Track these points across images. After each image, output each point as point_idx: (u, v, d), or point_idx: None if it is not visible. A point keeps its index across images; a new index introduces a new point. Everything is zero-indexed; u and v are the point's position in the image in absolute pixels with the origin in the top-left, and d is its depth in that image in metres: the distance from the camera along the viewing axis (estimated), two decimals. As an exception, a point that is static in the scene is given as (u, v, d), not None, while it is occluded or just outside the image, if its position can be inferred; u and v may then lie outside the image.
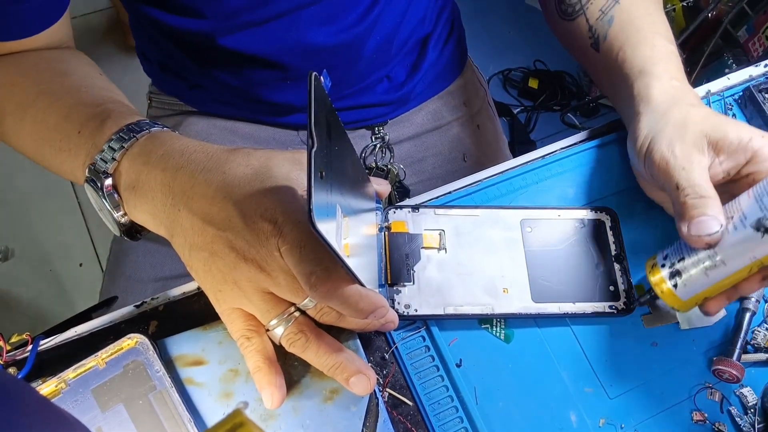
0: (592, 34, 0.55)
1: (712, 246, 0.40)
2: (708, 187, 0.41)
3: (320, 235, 0.30)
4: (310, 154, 0.30)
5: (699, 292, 0.42)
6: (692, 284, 0.42)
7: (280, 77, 0.63)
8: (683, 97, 0.46)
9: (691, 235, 0.40)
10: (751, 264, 0.39)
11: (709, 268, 0.40)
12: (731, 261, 0.39)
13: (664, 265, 0.43)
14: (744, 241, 0.38)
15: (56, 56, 0.52)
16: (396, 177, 0.75)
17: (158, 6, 0.56)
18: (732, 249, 0.39)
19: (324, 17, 0.58)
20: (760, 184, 0.39)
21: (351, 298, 0.37)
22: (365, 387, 0.40)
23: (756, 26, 1.18)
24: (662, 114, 0.45)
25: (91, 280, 1.44)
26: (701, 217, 0.39)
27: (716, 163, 0.43)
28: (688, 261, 0.41)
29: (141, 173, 0.42)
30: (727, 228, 0.39)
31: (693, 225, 0.40)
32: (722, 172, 0.43)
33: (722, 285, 0.41)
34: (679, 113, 0.44)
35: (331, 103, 0.36)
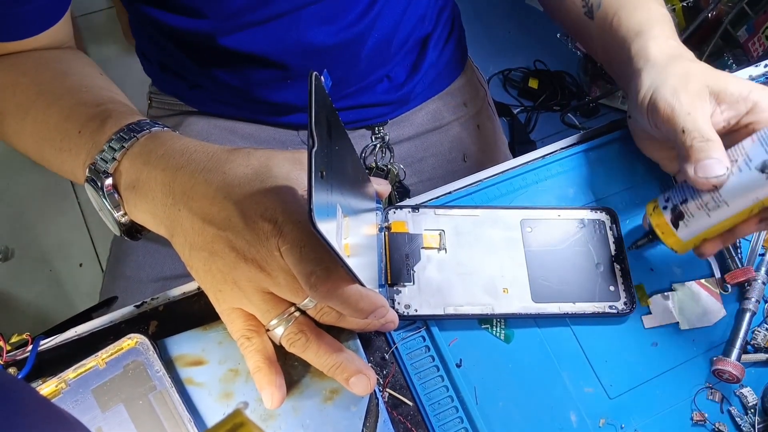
0: (586, 3, 0.56)
1: (718, 188, 0.41)
2: (712, 132, 0.42)
3: (321, 235, 0.30)
4: (311, 154, 0.30)
5: (699, 233, 0.43)
6: (694, 225, 0.43)
7: (280, 77, 0.63)
8: (682, 53, 0.47)
9: (697, 177, 0.41)
10: (753, 205, 0.40)
11: (712, 209, 0.41)
12: (734, 202, 0.40)
13: (666, 207, 0.45)
14: (748, 182, 0.39)
15: (57, 56, 0.52)
16: (396, 177, 0.75)
17: (158, 6, 0.56)
18: (736, 190, 0.40)
19: (324, 16, 0.58)
20: (765, 129, 0.40)
21: (351, 298, 0.37)
22: (365, 387, 0.40)
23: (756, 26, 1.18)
24: (663, 67, 0.46)
25: (91, 280, 1.44)
26: (707, 159, 0.40)
27: (717, 112, 0.44)
28: (691, 203, 0.42)
29: (141, 173, 0.42)
30: (731, 171, 0.40)
31: (699, 167, 0.41)
32: (723, 122, 0.44)
33: (722, 226, 0.42)
34: (680, 67, 0.45)
35: (332, 103, 0.36)
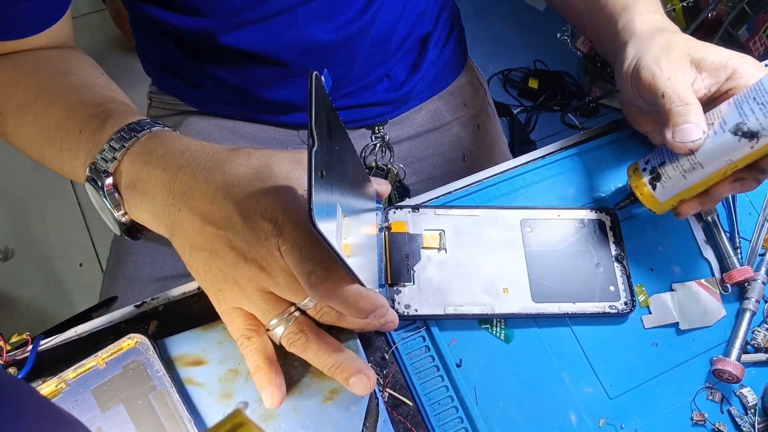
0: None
1: (694, 152, 0.42)
2: (692, 97, 0.43)
3: (321, 235, 0.30)
4: (311, 154, 0.30)
5: (676, 194, 0.45)
6: (670, 186, 0.44)
7: (279, 75, 0.63)
8: (666, 26, 0.48)
9: (675, 141, 0.42)
10: (727, 167, 0.41)
11: (688, 171, 0.43)
12: (709, 164, 0.42)
13: (645, 169, 0.46)
14: (722, 144, 0.41)
15: (57, 56, 0.52)
16: (396, 176, 0.75)
17: (158, 5, 0.56)
18: (710, 152, 0.41)
19: (323, 14, 0.58)
20: (740, 93, 0.41)
21: (351, 298, 0.37)
22: (365, 387, 0.40)
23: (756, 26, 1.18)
24: (647, 39, 0.47)
25: (91, 280, 1.44)
26: (685, 124, 0.41)
27: (698, 80, 0.45)
28: (668, 165, 0.44)
29: (142, 172, 0.42)
30: (708, 134, 0.41)
31: (677, 131, 0.42)
32: (704, 89, 0.45)
33: (697, 187, 0.44)
34: (664, 38, 0.46)
35: (332, 103, 0.36)
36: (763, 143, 0.40)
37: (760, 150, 0.40)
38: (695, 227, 0.52)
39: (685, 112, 0.42)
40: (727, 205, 0.53)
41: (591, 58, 1.60)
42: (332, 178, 0.34)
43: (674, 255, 0.51)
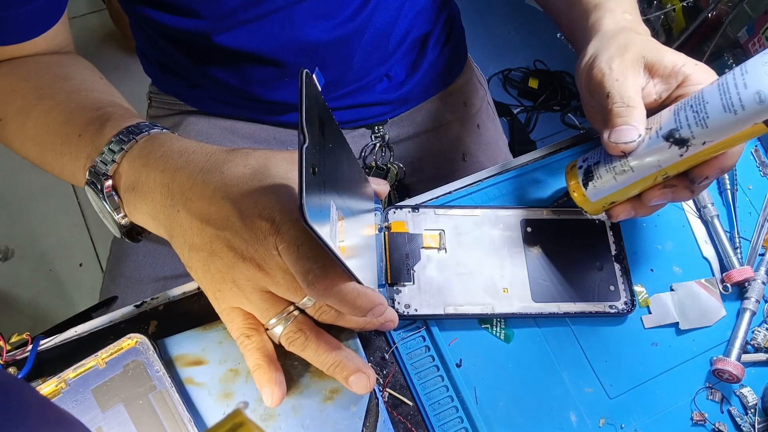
0: None
1: (627, 154, 0.41)
2: (637, 100, 0.42)
3: (312, 230, 0.30)
4: (301, 150, 0.30)
5: (606, 195, 0.44)
6: (601, 187, 0.44)
7: (277, 74, 0.63)
8: (632, 27, 0.48)
9: (609, 141, 0.41)
10: (657, 173, 0.41)
11: (619, 173, 0.42)
12: (639, 168, 0.41)
13: (581, 167, 0.46)
14: (653, 150, 0.40)
15: (56, 61, 0.52)
16: (396, 176, 0.75)
17: (153, 6, 0.56)
18: (641, 157, 0.41)
19: (318, 13, 0.58)
20: (681, 101, 0.41)
21: (349, 296, 0.37)
22: (365, 386, 0.40)
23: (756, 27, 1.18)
24: (609, 38, 0.46)
25: (91, 280, 1.44)
26: (623, 126, 0.41)
27: (650, 85, 0.44)
28: (602, 165, 0.43)
29: (140, 174, 0.42)
30: (644, 139, 0.41)
31: (614, 132, 0.41)
32: (655, 94, 0.44)
33: (628, 191, 0.43)
34: (623, 38, 0.45)
35: (325, 102, 0.36)
36: (693, 152, 0.39)
37: (690, 159, 0.39)
38: (695, 227, 0.52)
39: (625, 113, 0.41)
40: (727, 205, 0.53)
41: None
42: (325, 176, 0.34)
43: (674, 255, 0.51)
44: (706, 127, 0.37)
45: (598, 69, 0.44)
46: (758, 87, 0.35)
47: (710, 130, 0.37)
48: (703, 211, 0.52)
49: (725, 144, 0.38)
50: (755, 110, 0.35)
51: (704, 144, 0.38)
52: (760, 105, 0.35)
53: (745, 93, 0.36)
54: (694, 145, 0.38)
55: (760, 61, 0.36)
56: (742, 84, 0.36)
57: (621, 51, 0.44)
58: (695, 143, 0.38)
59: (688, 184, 0.42)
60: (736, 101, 0.36)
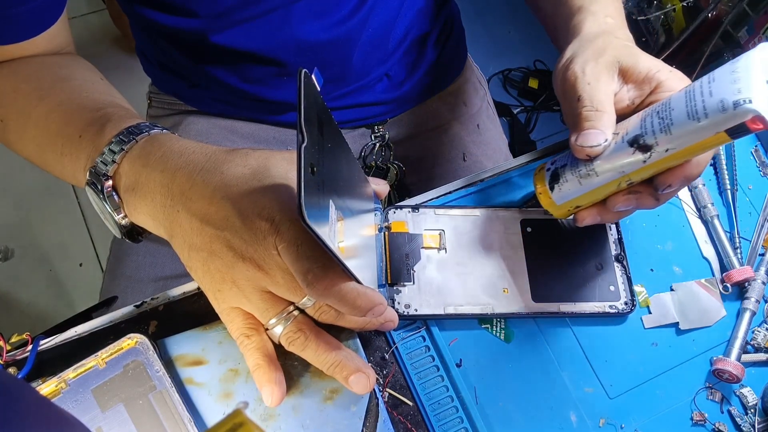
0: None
1: (592, 157, 0.41)
2: (607, 104, 0.41)
3: (310, 229, 0.30)
4: (300, 150, 0.30)
5: (571, 199, 0.44)
6: (566, 190, 0.43)
7: (275, 74, 0.63)
8: (612, 31, 0.47)
9: (575, 144, 0.41)
10: (620, 178, 0.40)
11: (583, 177, 0.42)
12: (603, 173, 0.41)
13: (549, 169, 0.45)
14: (618, 155, 0.40)
15: (57, 62, 0.52)
16: (395, 176, 0.75)
17: (151, 6, 0.56)
18: (606, 161, 0.40)
19: (315, 12, 0.58)
20: (650, 107, 0.40)
21: (348, 295, 0.37)
22: (365, 385, 0.40)
23: (756, 27, 1.18)
24: (587, 41, 0.46)
25: (91, 280, 1.44)
26: (590, 129, 0.40)
27: (624, 90, 0.44)
28: (568, 168, 0.43)
29: (140, 175, 0.42)
30: (611, 143, 0.40)
31: (580, 135, 0.41)
32: (628, 100, 0.44)
33: (593, 195, 0.43)
34: (602, 42, 0.45)
35: (324, 102, 0.36)
36: (656, 159, 0.38)
37: (653, 166, 0.39)
38: (695, 227, 0.52)
39: (593, 117, 0.40)
40: (727, 205, 0.53)
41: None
42: (324, 175, 0.34)
43: (674, 255, 0.51)
44: (670, 133, 0.37)
45: (571, 72, 0.43)
46: (723, 95, 0.34)
47: (673, 137, 0.37)
48: (703, 211, 0.52)
49: (688, 152, 0.37)
50: (718, 118, 0.35)
51: (667, 151, 0.37)
52: (723, 113, 0.34)
53: (709, 101, 0.35)
54: (658, 152, 0.38)
55: (728, 70, 0.35)
56: (708, 92, 0.35)
57: (596, 55, 0.43)
58: (658, 150, 0.38)
59: (652, 191, 0.41)
60: (701, 109, 0.35)
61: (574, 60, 0.44)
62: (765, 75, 0.34)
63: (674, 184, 0.40)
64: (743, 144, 0.56)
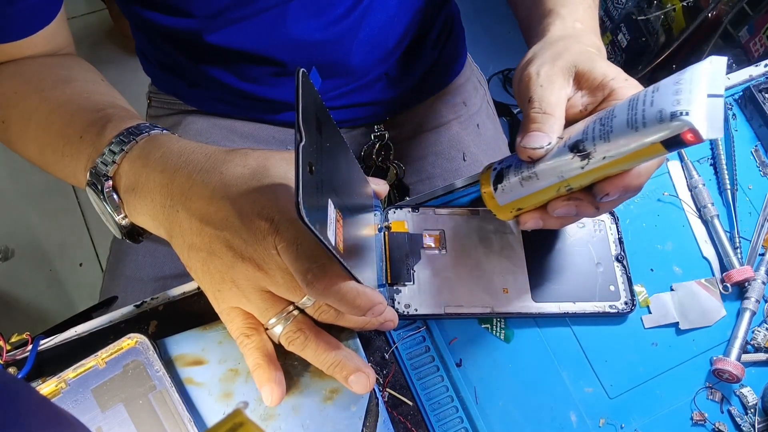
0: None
1: (534, 160, 0.40)
2: (556, 108, 0.41)
3: (308, 228, 0.30)
4: (298, 148, 0.30)
5: (513, 201, 0.43)
6: (509, 191, 0.43)
7: (272, 73, 0.63)
8: (579, 36, 0.46)
9: (519, 145, 0.41)
10: (560, 183, 0.40)
11: (525, 179, 0.41)
12: (543, 176, 0.40)
13: (495, 169, 0.44)
14: (558, 159, 0.39)
15: (58, 63, 0.52)
16: (395, 176, 0.75)
17: (147, 6, 0.56)
18: (547, 165, 0.40)
19: (310, 11, 0.58)
20: (596, 113, 0.39)
21: (348, 295, 0.37)
22: (364, 385, 0.40)
23: (756, 26, 1.18)
24: (550, 44, 0.45)
25: (91, 280, 1.44)
26: (535, 131, 0.40)
27: (578, 96, 0.43)
28: (512, 169, 0.43)
29: (140, 175, 0.42)
30: (553, 146, 0.40)
31: (526, 137, 0.40)
32: (581, 105, 0.43)
33: (534, 199, 0.42)
34: (562, 45, 0.44)
35: (322, 101, 0.36)
36: (593, 166, 0.37)
37: (591, 173, 0.38)
38: (695, 227, 0.52)
39: (540, 120, 0.40)
40: (727, 205, 0.53)
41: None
42: (323, 174, 0.34)
43: (674, 255, 0.51)
44: (608, 141, 0.36)
45: (527, 73, 0.43)
46: (662, 106, 0.34)
47: (611, 145, 0.36)
48: (703, 211, 0.52)
49: (625, 161, 0.36)
50: (654, 129, 0.34)
51: (604, 159, 0.37)
52: (660, 124, 0.34)
53: (649, 111, 0.34)
54: (595, 159, 0.37)
55: (672, 80, 0.35)
56: (650, 101, 0.35)
57: (554, 58, 0.43)
58: (596, 157, 0.37)
59: (592, 199, 0.40)
60: (640, 118, 0.35)
61: (533, 62, 0.43)
62: (709, 89, 0.33)
63: (612, 194, 0.39)
64: (743, 144, 0.56)
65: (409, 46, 0.70)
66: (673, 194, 0.54)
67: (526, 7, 0.55)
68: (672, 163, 0.55)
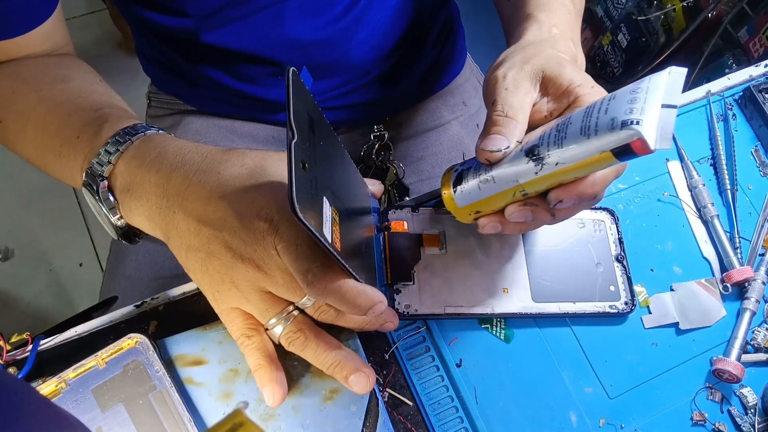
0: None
1: (491, 162, 0.40)
2: (519, 112, 0.40)
3: (303, 224, 0.30)
4: (290, 146, 0.30)
5: (471, 203, 0.43)
6: (467, 193, 0.42)
7: (270, 73, 0.63)
8: (554, 41, 0.45)
9: (478, 147, 0.40)
10: (515, 188, 0.39)
11: (483, 182, 0.41)
12: (499, 180, 0.40)
13: (456, 170, 0.44)
14: (514, 163, 0.39)
15: (56, 63, 0.52)
16: (395, 176, 0.75)
17: (143, 5, 0.56)
18: (503, 168, 0.39)
19: (307, 10, 0.58)
20: (556, 119, 0.39)
21: (348, 294, 0.37)
22: (364, 385, 0.40)
23: (756, 26, 1.18)
24: (522, 47, 0.45)
25: (91, 280, 1.44)
26: (494, 134, 0.39)
27: (543, 101, 0.42)
28: (472, 171, 0.42)
29: (135, 175, 0.42)
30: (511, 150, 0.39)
31: (485, 139, 0.40)
32: (546, 111, 0.43)
33: (491, 202, 0.42)
34: (533, 50, 0.44)
35: (314, 100, 0.36)
36: (546, 172, 0.37)
37: (544, 179, 0.38)
38: (695, 227, 0.52)
39: (501, 123, 0.40)
40: (727, 205, 0.53)
41: (591, 59, 1.60)
42: (317, 172, 0.34)
43: (674, 255, 0.51)
44: (561, 147, 0.36)
45: (493, 75, 0.43)
46: (615, 114, 0.33)
47: (563, 151, 0.36)
48: (703, 211, 0.52)
49: (577, 168, 0.36)
50: (605, 137, 0.33)
51: (557, 165, 0.36)
52: (611, 132, 0.33)
53: (603, 118, 0.34)
54: (548, 165, 0.37)
55: (629, 89, 0.34)
56: (605, 109, 0.34)
57: (523, 62, 0.42)
58: (549, 162, 0.37)
59: (547, 206, 0.40)
60: (593, 125, 0.34)
61: (502, 64, 0.43)
62: (664, 99, 0.33)
63: (566, 201, 0.38)
64: (743, 144, 0.56)
65: (409, 46, 0.70)
66: (673, 194, 0.54)
67: (508, 11, 0.55)
68: (672, 163, 0.55)
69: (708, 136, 0.57)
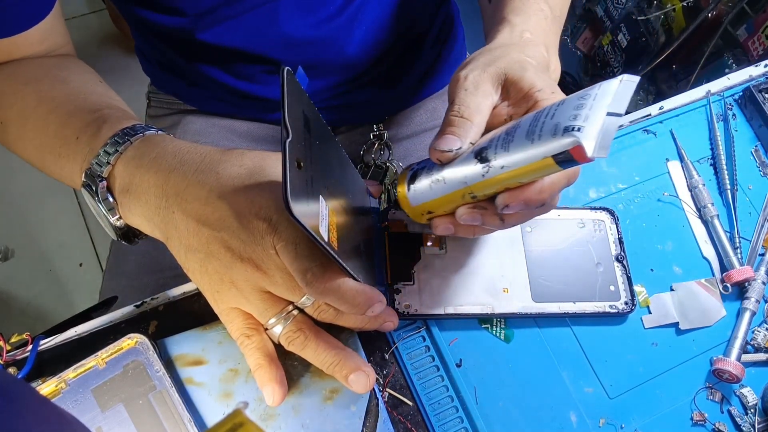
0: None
1: (443, 162, 0.40)
2: (475, 114, 0.40)
3: (298, 222, 0.30)
4: (284, 145, 0.30)
5: (423, 203, 0.42)
6: (420, 192, 0.42)
7: (266, 71, 0.63)
8: (523, 45, 0.45)
9: (431, 147, 0.40)
10: (464, 190, 0.39)
11: (434, 182, 0.41)
12: (449, 180, 0.39)
13: (413, 169, 0.44)
14: (463, 164, 0.38)
15: (56, 63, 0.52)
16: (394, 175, 0.75)
17: (141, 5, 0.56)
18: (453, 169, 0.39)
19: (302, 8, 0.58)
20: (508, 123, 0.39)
21: (347, 293, 0.37)
22: (364, 384, 0.40)
23: (756, 26, 1.18)
24: (491, 49, 0.44)
25: (91, 280, 1.44)
26: (448, 135, 0.39)
27: (503, 105, 0.42)
28: (425, 171, 0.42)
29: (134, 176, 0.42)
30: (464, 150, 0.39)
31: (438, 139, 0.39)
32: (505, 114, 0.42)
33: (442, 203, 0.41)
34: (499, 52, 0.43)
35: (310, 100, 0.36)
36: (492, 175, 0.37)
37: (491, 182, 0.37)
38: (695, 227, 0.52)
39: (456, 123, 0.39)
40: (727, 205, 0.53)
41: (591, 58, 1.60)
42: (313, 171, 0.34)
43: (674, 255, 0.51)
44: (507, 151, 0.35)
45: (456, 76, 0.42)
46: (559, 120, 0.33)
47: (508, 155, 0.35)
48: (703, 211, 0.52)
49: (520, 173, 0.35)
50: (548, 142, 0.33)
51: (502, 168, 0.36)
52: (553, 138, 0.33)
53: (548, 123, 0.33)
54: (494, 168, 0.36)
55: (578, 95, 0.34)
56: (551, 114, 0.34)
57: (487, 64, 0.42)
58: (494, 165, 0.36)
59: (495, 209, 0.39)
60: (538, 130, 0.34)
61: (467, 65, 0.43)
62: (611, 107, 0.32)
63: (512, 206, 0.37)
64: (743, 144, 0.56)
65: (408, 46, 0.70)
66: (673, 194, 0.54)
67: (488, 13, 0.55)
68: (672, 163, 0.55)
69: (708, 136, 0.57)
